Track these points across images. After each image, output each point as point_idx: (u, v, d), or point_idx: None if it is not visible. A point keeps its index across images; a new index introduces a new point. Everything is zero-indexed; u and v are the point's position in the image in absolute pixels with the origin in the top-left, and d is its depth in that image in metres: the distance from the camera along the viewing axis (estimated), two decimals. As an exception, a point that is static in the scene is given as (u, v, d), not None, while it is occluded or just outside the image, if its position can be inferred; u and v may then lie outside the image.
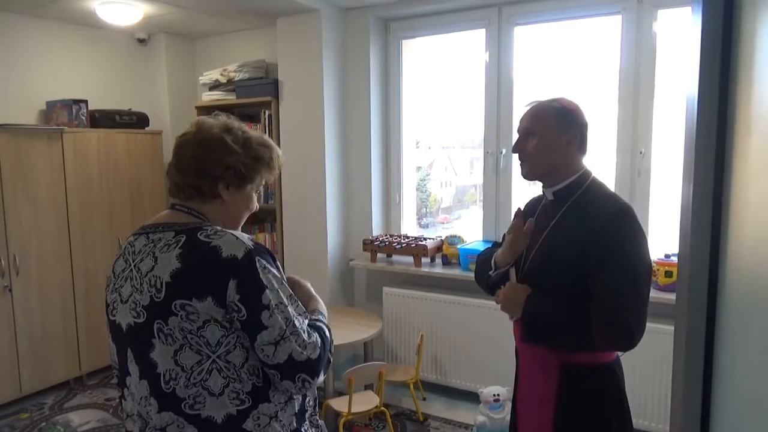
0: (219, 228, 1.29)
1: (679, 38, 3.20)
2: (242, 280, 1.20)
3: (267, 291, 1.22)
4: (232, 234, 1.27)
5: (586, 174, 1.73)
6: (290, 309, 1.25)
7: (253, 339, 1.21)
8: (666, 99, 3.27)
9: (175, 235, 1.27)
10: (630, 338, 1.54)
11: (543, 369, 1.72)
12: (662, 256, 3.18)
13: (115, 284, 1.33)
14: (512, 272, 1.78)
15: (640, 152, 3.33)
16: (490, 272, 1.83)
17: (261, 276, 1.23)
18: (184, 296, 1.20)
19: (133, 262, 1.29)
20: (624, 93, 3.36)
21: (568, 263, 1.62)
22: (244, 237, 1.27)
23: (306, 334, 1.25)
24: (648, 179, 3.34)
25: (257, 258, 1.24)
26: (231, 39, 4.69)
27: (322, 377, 1.29)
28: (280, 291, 1.25)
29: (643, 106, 3.31)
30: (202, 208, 1.35)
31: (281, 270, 1.31)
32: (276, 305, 1.23)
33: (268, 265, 1.26)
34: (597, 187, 1.70)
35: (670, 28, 3.23)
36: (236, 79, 4.33)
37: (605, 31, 3.46)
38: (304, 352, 1.23)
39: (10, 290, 3.66)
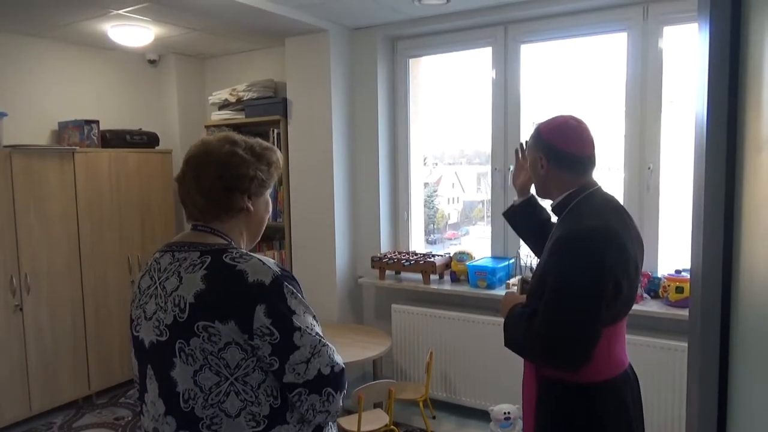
0: (244, 251, 1.30)
1: (686, 54, 3.21)
2: (271, 305, 1.21)
3: (295, 315, 1.24)
4: (259, 259, 1.27)
5: (579, 191, 1.70)
6: (317, 328, 1.29)
7: (284, 360, 1.22)
8: (674, 114, 3.28)
9: (201, 255, 1.28)
10: (546, 355, 1.57)
11: (528, 379, 1.79)
12: (672, 272, 3.16)
13: (140, 300, 1.33)
14: (518, 283, 1.84)
15: (648, 168, 3.33)
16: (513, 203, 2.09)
17: (289, 302, 1.24)
18: (207, 318, 1.20)
19: (159, 279, 1.30)
20: (631, 109, 3.37)
21: (540, 279, 1.67)
22: (270, 262, 1.28)
23: (331, 349, 1.29)
24: (657, 194, 3.34)
25: (285, 283, 1.25)
26: (240, 59, 4.75)
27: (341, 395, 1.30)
28: (307, 314, 1.27)
29: (651, 122, 3.32)
30: (225, 227, 1.36)
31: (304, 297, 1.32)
32: (306, 327, 1.25)
33: (295, 291, 1.27)
34: (581, 206, 1.67)
35: (676, 44, 3.24)
36: (245, 98, 4.38)
37: (611, 48, 3.48)
38: (329, 365, 1.26)
39: (21, 309, 3.67)
